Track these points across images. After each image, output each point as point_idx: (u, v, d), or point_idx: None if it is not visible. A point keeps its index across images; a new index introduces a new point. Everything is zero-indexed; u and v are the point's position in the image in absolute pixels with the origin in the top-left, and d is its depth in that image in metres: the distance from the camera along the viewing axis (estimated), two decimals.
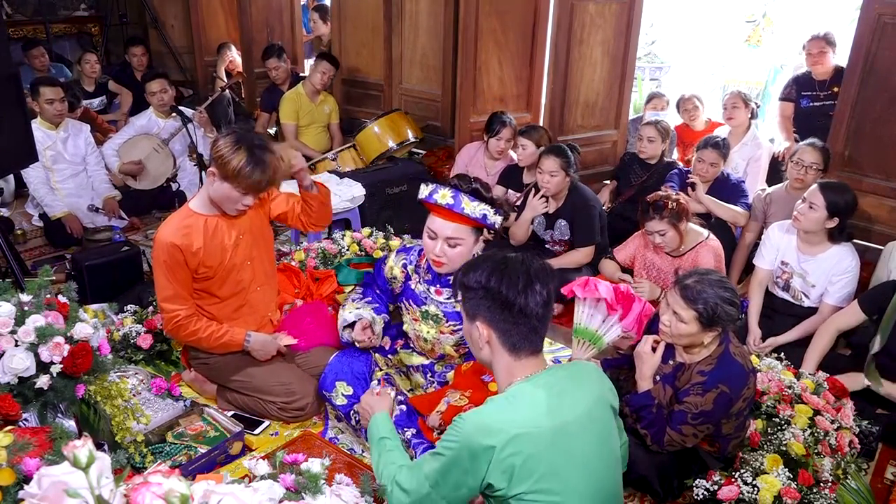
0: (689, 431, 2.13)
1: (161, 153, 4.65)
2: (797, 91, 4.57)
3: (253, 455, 2.36)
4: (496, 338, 1.56)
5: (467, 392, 2.29)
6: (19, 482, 1.36)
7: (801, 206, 2.98)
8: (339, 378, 2.49)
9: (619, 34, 4.90)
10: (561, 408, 1.49)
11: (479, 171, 4.26)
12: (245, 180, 2.27)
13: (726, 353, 2.16)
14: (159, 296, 2.45)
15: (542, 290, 1.53)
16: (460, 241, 2.23)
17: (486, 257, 1.63)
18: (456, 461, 1.46)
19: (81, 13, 7.21)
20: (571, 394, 1.53)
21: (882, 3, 3.32)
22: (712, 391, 2.10)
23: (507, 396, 1.53)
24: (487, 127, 4.24)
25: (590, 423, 1.52)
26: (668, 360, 2.28)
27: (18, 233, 4.20)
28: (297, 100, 5.13)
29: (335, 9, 5.70)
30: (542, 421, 1.45)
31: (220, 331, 2.51)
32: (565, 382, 1.56)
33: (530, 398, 1.50)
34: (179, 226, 2.40)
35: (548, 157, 3.45)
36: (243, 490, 1.18)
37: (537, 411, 1.47)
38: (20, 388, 1.92)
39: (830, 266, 2.98)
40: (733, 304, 2.11)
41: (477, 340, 1.60)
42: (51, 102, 4.10)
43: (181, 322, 2.44)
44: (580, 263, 3.54)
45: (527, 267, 1.55)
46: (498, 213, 2.23)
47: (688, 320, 2.12)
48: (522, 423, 1.44)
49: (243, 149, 2.26)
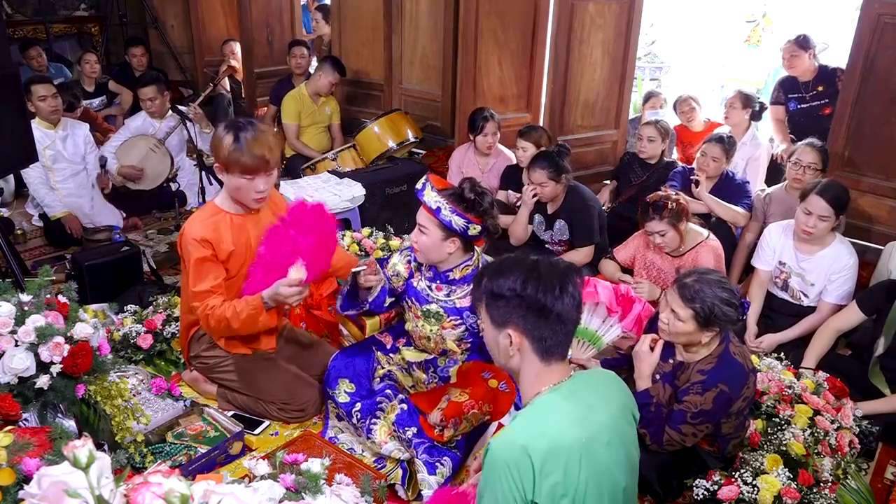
0: (689, 431, 2.13)
1: (158, 152, 4.65)
2: (784, 94, 4.64)
3: (253, 455, 2.36)
4: (529, 345, 1.49)
5: (468, 389, 2.30)
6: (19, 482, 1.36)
7: (809, 220, 2.91)
8: (341, 376, 2.50)
9: (619, 34, 4.90)
10: (589, 420, 1.44)
11: (474, 171, 4.28)
12: (238, 162, 2.28)
13: (726, 353, 2.16)
14: (192, 288, 2.38)
15: (574, 291, 1.48)
16: (425, 230, 2.29)
17: (514, 262, 1.53)
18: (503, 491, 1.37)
19: (81, 13, 7.20)
20: (598, 405, 1.49)
21: (882, 3, 3.32)
22: (712, 390, 2.10)
23: (535, 409, 1.46)
24: (471, 126, 4.24)
25: (617, 434, 1.49)
26: (668, 359, 2.28)
27: (18, 233, 4.20)
28: (300, 100, 5.13)
29: (335, 9, 5.71)
30: (574, 433, 1.40)
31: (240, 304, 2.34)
32: (591, 393, 1.51)
33: (559, 411, 1.44)
34: (207, 222, 2.40)
35: (534, 169, 3.44)
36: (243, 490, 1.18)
37: (570, 425, 1.41)
38: (20, 388, 1.92)
39: (829, 264, 2.98)
40: (731, 304, 2.11)
41: (506, 349, 1.52)
42: (43, 99, 4.11)
43: (210, 312, 2.35)
44: (580, 263, 3.54)
45: (558, 270, 1.49)
46: (458, 214, 2.22)
47: (685, 319, 2.13)
48: (557, 436, 1.39)
49: (230, 133, 2.28)
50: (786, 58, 4.53)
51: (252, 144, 2.27)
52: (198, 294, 2.38)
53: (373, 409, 2.39)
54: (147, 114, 4.70)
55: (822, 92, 4.44)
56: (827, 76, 4.45)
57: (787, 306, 3.13)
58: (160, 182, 4.66)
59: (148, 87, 4.64)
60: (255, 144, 2.28)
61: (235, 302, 2.36)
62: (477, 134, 4.19)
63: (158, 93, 4.65)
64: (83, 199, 4.29)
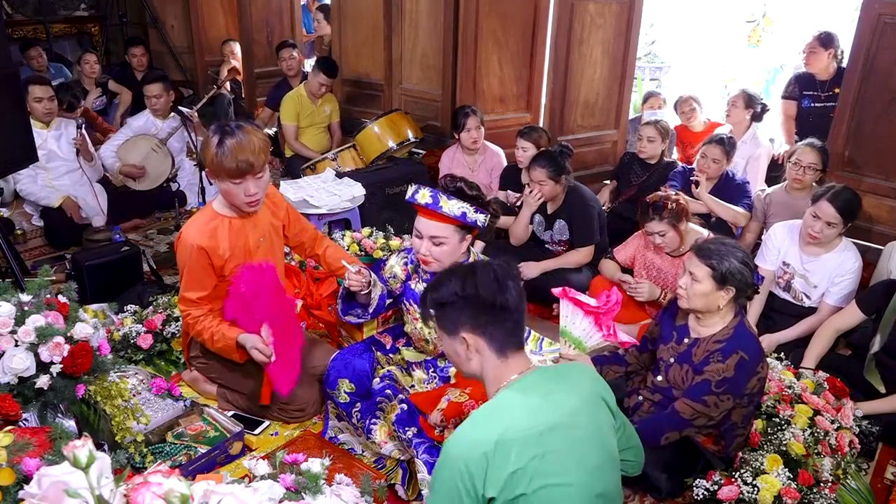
0: (713, 401, 2.14)
1: (159, 153, 4.66)
2: (799, 90, 4.58)
3: (253, 455, 2.36)
4: (484, 343, 1.57)
5: (467, 389, 2.29)
6: (19, 482, 1.36)
7: (816, 224, 2.91)
8: (341, 376, 2.50)
9: (619, 34, 4.90)
10: (546, 408, 1.49)
11: (463, 170, 4.27)
12: (223, 167, 2.27)
13: (741, 325, 2.21)
14: (181, 292, 2.49)
15: (513, 285, 1.58)
16: (444, 240, 2.26)
17: (450, 271, 1.66)
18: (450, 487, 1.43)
19: (81, 13, 7.20)
20: (558, 393, 1.54)
21: (882, 3, 3.32)
22: (732, 356, 2.14)
23: (490, 406, 1.53)
24: (454, 125, 4.25)
25: (581, 420, 1.52)
26: (683, 339, 2.31)
27: (18, 233, 4.20)
28: (298, 101, 5.13)
29: (335, 9, 5.70)
30: (527, 422, 1.45)
31: (217, 334, 2.44)
32: (552, 383, 1.57)
33: (512, 403, 1.50)
34: (205, 227, 2.41)
35: (534, 167, 3.46)
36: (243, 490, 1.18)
37: (521, 414, 1.47)
38: (20, 388, 1.92)
39: (834, 267, 2.97)
40: (746, 264, 2.17)
41: (463, 354, 1.60)
42: (39, 101, 4.11)
43: (190, 322, 2.48)
44: (580, 263, 3.54)
45: (492, 267, 1.61)
46: (480, 211, 2.24)
47: (701, 278, 2.18)
48: (507, 427, 1.44)
49: (216, 137, 2.28)
50: (805, 52, 4.50)
51: (236, 149, 2.26)
52: (182, 299, 2.49)
53: (373, 409, 2.38)
54: (151, 111, 4.71)
55: (837, 94, 4.42)
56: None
57: (788, 307, 3.13)
58: (160, 182, 4.66)
59: (154, 84, 4.65)
60: (239, 149, 2.26)
61: (214, 329, 2.43)
62: (460, 131, 4.20)
63: (164, 90, 4.66)
64: (80, 195, 4.29)
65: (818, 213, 2.90)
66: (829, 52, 4.37)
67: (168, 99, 4.70)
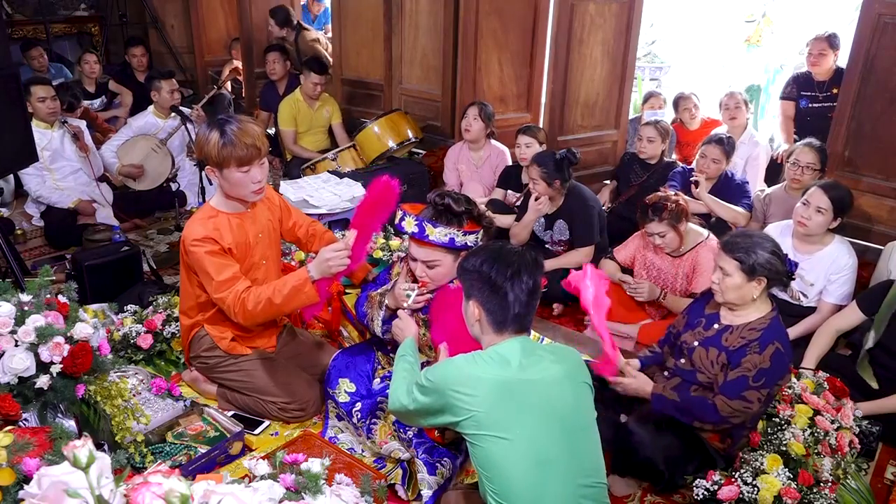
0: (754, 396, 2.14)
1: (160, 153, 4.66)
2: (797, 90, 4.58)
3: (253, 455, 2.36)
4: (485, 316, 1.76)
5: None
6: (19, 482, 1.36)
7: (805, 210, 2.93)
8: (342, 375, 2.50)
9: (619, 34, 4.89)
10: (530, 367, 1.68)
11: (467, 166, 4.37)
12: (232, 155, 2.29)
13: (777, 318, 2.23)
14: (214, 287, 2.37)
15: (528, 280, 1.73)
16: (437, 263, 2.26)
17: (485, 246, 1.85)
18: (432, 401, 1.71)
19: (81, 13, 7.20)
20: (546, 360, 1.72)
21: (882, 3, 3.32)
22: (769, 347, 2.14)
23: (483, 352, 1.74)
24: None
25: (558, 388, 1.69)
26: (713, 325, 2.32)
27: (18, 233, 4.20)
28: (295, 106, 5.12)
29: (335, 9, 5.70)
30: (509, 372, 1.66)
31: (279, 284, 2.33)
32: (543, 351, 1.78)
33: (500, 354, 1.70)
34: (207, 223, 2.41)
35: (533, 164, 3.49)
36: (243, 490, 1.18)
37: (506, 362, 1.67)
38: (20, 388, 1.92)
39: (828, 264, 2.98)
40: (775, 253, 2.18)
41: (472, 317, 1.80)
42: (42, 101, 4.12)
43: (239, 298, 2.34)
44: (580, 264, 3.50)
45: (519, 258, 1.75)
46: (469, 232, 2.22)
47: (731, 272, 2.19)
48: (489, 371, 1.66)
49: (215, 130, 2.31)
50: (813, 53, 4.44)
51: (240, 135, 2.30)
52: (223, 283, 2.36)
53: (373, 408, 2.38)
54: (154, 109, 4.72)
55: (835, 94, 4.41)
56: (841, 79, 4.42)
57: (786, 307, 3.12)
58: (160, 182, 4.66)
59: (167, 80, 4.68)
60: (244, 134, 2.31)
61: (271, 285, 2.35)
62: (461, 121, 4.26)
63: (176, 87, 4.70)
64: (86, 195, 4.30)
65: (809, 200, 2.93)
66: (836, 53, 4.38)
67: (178, 97, 4.74)
